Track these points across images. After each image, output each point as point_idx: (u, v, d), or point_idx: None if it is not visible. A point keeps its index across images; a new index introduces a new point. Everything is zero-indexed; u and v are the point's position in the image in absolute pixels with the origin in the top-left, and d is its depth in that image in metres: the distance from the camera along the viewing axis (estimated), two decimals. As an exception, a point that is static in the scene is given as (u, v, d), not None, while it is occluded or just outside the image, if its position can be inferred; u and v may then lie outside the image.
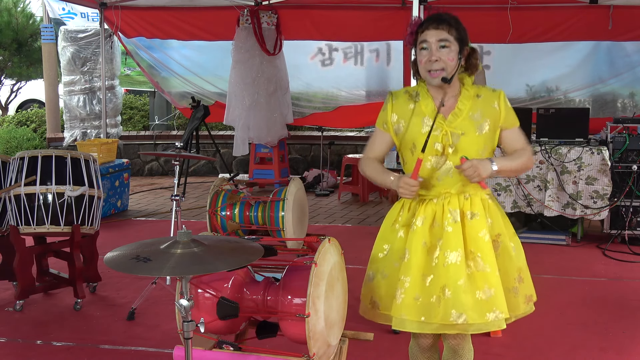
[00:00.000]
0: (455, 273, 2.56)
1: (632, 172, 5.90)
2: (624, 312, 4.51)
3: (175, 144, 4.83)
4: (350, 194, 8.44)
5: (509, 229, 2.75)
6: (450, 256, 2.58)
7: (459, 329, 2.58)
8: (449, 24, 2.61)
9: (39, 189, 4.48)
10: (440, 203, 2.67)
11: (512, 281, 2.67)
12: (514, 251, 2.70)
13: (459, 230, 2.61)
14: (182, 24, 8.88)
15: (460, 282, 2.55)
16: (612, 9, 7.41)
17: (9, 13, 11.16)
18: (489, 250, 2.60)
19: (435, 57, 2.60)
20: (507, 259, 2.67)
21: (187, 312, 2.36)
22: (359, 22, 8.46)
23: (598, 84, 8.17)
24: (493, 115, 2.67)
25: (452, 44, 2.61)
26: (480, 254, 2.59)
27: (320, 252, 2.84)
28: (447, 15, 2.64)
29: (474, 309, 2.54)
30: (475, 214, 2.65)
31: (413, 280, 2.60)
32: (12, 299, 4.71)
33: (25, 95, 13.76)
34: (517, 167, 2.70)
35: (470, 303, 2.54)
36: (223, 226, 4.79)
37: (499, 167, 2.60)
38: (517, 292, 2.68)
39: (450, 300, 2.54)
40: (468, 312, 2.53)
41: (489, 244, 2.62)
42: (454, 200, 2.66)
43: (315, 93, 9.44)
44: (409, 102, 2.77)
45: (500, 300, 2.57)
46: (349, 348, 3.21)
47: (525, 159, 2.71)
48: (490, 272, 2.58)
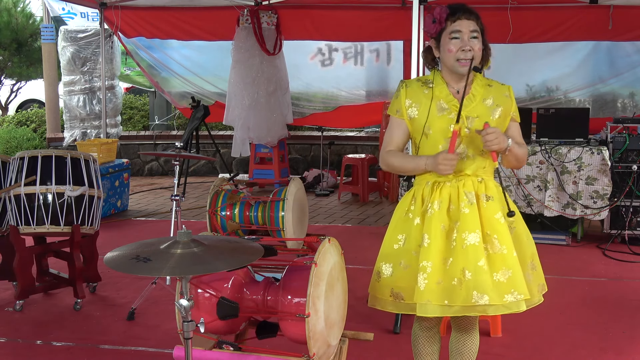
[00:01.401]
0: (474, 254, 2.58)
1: (632, 172, 5.90)
2: (624, 312, 4.51)
3: (175, 144, 4.82)
4: (350, 194, 8.44)
5: (520, 217, 2.80)
6: (469, 237, 2.60)
7: (479, 310, 2.59)
8: (476, 15, 2.71)
9: (39, 189, 4.48)
10: (455, 185, 2.69)
11: (526, 267, 2.70)
12: (527, 238, 2.76)
13: (476, 212, 2.65)
14: (182, 24, 8.88)
15: (480, 262, 2.57)
16: (612, 9, 7.40)
17: (8, 13, 11.16)
18: (505, 232, 2.64)
19: (468, 46, 2.66)
20: (521, 244, 2.71)
21: (187, 312, 2.36)
22: (359, 22, 8.46)
23: (598, 84, 8.17)
24: (505, 104, 2.76)
25: (480, 35, 2.70)
26: (497, 236, 2.63)
27: (320, 252, 2.84)
28: (466, 5, 2.73)
29: (493, 290, 2.56)
30: (490, 196, 2.70)
31: (435, 264, 2.62)
32: (12, 299, 4.71)
33: (25, 95, 13.76)
34: (520, 157, 2.76)
35: (490, 284, 2.57)
36: (223, 226, 4.79)
37: (511, 146, 2.67)
38: (531, 279, 2.70)
39: (471, 282, 2.56)
40: (489, 293, 2.55)
41: (505, 226, 2.66)
42: (469, 183, 2.69)
43: (315, 93, 9.44)
44: (423, 88, 2.78)
45: (519, 281, 2.59)
46: (349, 348, 3.21)
47: (525, 152, 2.79)
48: (507, 253, 2.61)
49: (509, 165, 2.81)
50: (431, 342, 2.99)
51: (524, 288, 2.58)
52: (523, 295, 2.57)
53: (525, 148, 2.80)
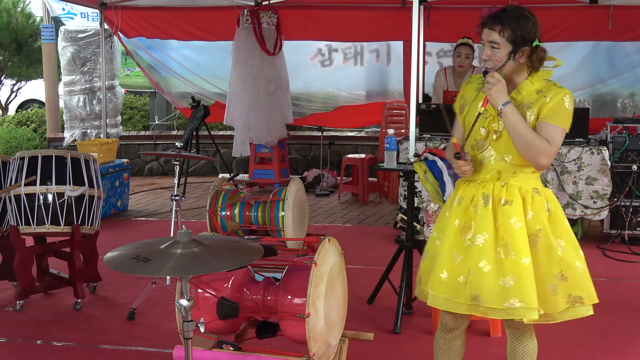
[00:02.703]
0: (478, 255, 2.64)
1: (632, 172, 5.90)
2: (624, 312, 4.51)
3: (175, 144, 4.82)
4: (350, 194, 8.44)
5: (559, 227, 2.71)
6: (477, 238, 2.67)
7: (481, 311, 2.65)
8: (503, 23, 2.63)
9: (39, 189, 4.48)
10: (478, 187, 2.75)
11: (549, 278, 2.66)
12: (560, 249, 2.68)
13: (489, 214, 2.68)
14: (182, 24, 8.88)
15: (481, 264, 2.62)
16: (612, 9, 7.41)
17: (8, 13, 11.16)
18: (519, 238, 2.64)
19: (485, 56, 2.70)
20: (546, 254, 2.67)
21: (187, 312, 2.36)
22: (359, 22, 8.47)
23: (598, 84, 8.18)
24: (540, 105, 2.67)
25: (502, 45, 2.65)
26: (510, 241, 2.64)
27: (320, 252, 2.84)
28: (507, 14, 2.65)
29: (492, 293, 2.60)
30: (509, 201, 2.69)
31: (442, 257, 2.72)
32: (12, 299, 4.71)
33: (25, 95, 13.76)
34: (522, 130, 2.62)
35: (488, 286, 2.60)
36: (223, 226, 4.79)
37: (508, 109, 2.62)
38: (556, 289, 2.66)
39: (471, 282, 2.64)
40: (484, 295, 2.60)
41: (520, 231, 2.64)
42: (489, 186, 2.73)
43: (315, 93, 9.44)
44: (477, 87, 2.82)
45: (526, 290, 2.58)
46: (349, 348, 3.21)
47: (536, 137, 2.62)
48: (516, 259, 2.62)
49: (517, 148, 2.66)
50: (448, 347, 2.96)
51: (531, 297, 2.58)
52: (525, 304, 2.57)
53: (539, 139, 2.62)
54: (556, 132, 2.65)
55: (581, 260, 2.72)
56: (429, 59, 8.28)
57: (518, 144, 2.65)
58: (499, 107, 2.64)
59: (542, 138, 2.63)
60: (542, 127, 2.65)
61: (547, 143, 2.63)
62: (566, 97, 2.66)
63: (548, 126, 2.65)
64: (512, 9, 2.68)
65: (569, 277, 2.68)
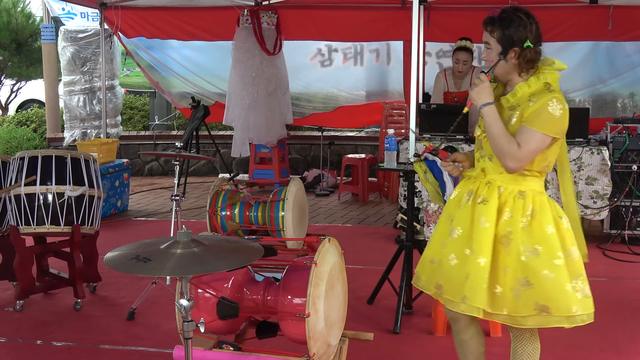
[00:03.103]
0: (450, 248, 2.78)
1: (632, 172, 5.90)
2: (623, 312, 4.51)
3: (175, 144, 4.82)
4: (350, 194, 8.44)
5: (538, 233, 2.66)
6: (453, 232, 2.78)
7: (443, 301, 2.80)
8: (494, 24, 2.70)
9: (39, 189, 4.48)
10: (468, 182, 2.85)
11: (513, 281, 2.65)
12: (528, 255, 2.64)
13: (468, 210, 2.75)
14: (182, 24, 8.87)
15: (450, 256, 2.75)
16: (612, 9, 7.41)
17: (8, 13, 11.15)
18: (482, 238, 2.68)
19: (482, 56, 2.80)
20: (514, 258, 2.66)
21: (187, 312, 2.36)
22: (359, 22, 8.46)
23: (598, 84, 8.17)
24: (523, 109, 2.69)
25: (492, 46, 2.72)
26: (474, 239, 2.70)
27: (320, 252, 2.84)
28: (502, 15, 2.70)
29: (453, 286, 2.72)
30: (485, 200, 2.73)
31: (432, 245, 2.89)
32: (12, 299, 4.72)
33: (25, 95, 13.76)
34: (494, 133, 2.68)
35: (451, 279, 2.73)
36: (223, 226, 4.79)
37: (487, 110, 2.69)
38: (519, 294, 2.64)
39: (439, 271, 2.81)
40: (446, 286, 2.75)
41: (486, 232, 2.68)
42: (476, 184, 2.80)
43: (315, 93, 9.44)
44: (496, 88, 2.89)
45: (474, 288, 2.64)
46: (349, 348, 3.21)
47: (505, 141, 2.65)
48: (471, 257, 2.68)
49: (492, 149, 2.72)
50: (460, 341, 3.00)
51: (476, 296, 2.64)
52: (473, 303, 2.64)
53: (510, 145, 2.63)
54: (531, 136, 2.63)
55: (555, 270, 2.64)
56: (428, 59, 8.28)
57: (491, 146, 2.72)
58: (479, 108, 2.71)
59: (512, 142, 2.64)
60: (519, 131, 2.66)
61: (515, 147, 2.63)
62: (551, 102, 2.63)
63: (524, 130, 2.65)
64: (510, 10, 2.70)
65: (535, 284, 2.63)
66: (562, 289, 2.63)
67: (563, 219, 2.74)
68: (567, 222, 2.75)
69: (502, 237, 2.67)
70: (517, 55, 2.68)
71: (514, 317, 2.67)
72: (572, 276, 2.68)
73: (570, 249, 2.72)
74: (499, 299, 2.66)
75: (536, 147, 2.64)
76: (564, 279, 2.64)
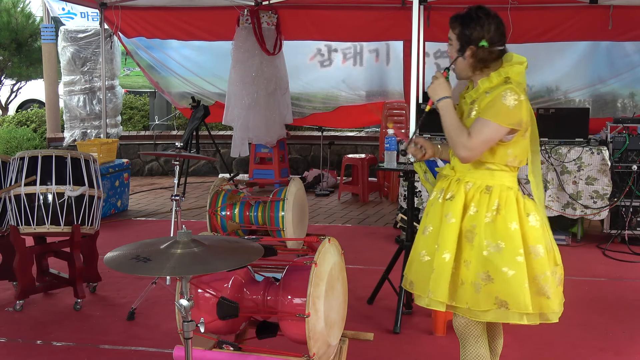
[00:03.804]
0: (422, 245, 2.85)
1: (632, 172, 5.90)
2: (624, 312, 4.51)
3: (175, 144, 4.82)
4: (350, 194, 8.44)
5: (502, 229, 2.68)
6: (425, 229, 2.86)
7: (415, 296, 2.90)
8: (456, 21, 2.78)
9: (39, 189, 4.48)
10: (444, 181, 2.88)
11: (475, 276, 2.69)
12: (490, 250, 2.67)
13: (438, 208, 2.82)
14: (182, 24, 8.87)
15: (421, 253, 2.84)
16: (612, 9, 7.40)
17: (8, 13, 11.15)
18: (447, 234, 2.73)
19: (447, 51, 2.88)
20: (476, 253, 2.70)
21: (187, 312, 2.36)
22: (358, 22, 8.46)
23: (598, 84, 8.16)
24: (480, 101, 2.76)
25: (453, 42, 2.81)
26: (440, 235, 2.76)
27: (320, 252, 2.84)
28: (464, 13, 2.78)
29: (422, 282, 2.80)
30: (452, 196, 2.79)
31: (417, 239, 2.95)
32: (12, 299, 4.71)
33: (25, 95, 13.76)
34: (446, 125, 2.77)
35: (421, 275, 2.80)
36: (223, 226, 4.79)
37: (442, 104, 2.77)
38: (479, 288, 2.67)
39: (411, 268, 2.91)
40: (417, 283, 2.85)
41: (451, 228, 2.73)
42: (447, 181, 2.85)
43: (315, 93, 9.44)
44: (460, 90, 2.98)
45: (437, 283, 2.71)
46: (349, 348, 3.21)
47: (456, 132, 2.73)
48: (438, 253, 2.73)
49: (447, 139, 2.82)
50: None
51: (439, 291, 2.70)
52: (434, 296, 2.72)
53: (460, 135, 2.71)
54: (483, 126, 2.67)
55: (515, 267, 2.65)
56: (427, 60, 8.26)
57: (447, 138, 2.80)
58: (435, 102, 2.79)
59: (464, 131, 2.71)
60: (474, 122, 2.73)
61: (466, 136, 2.69)
62: (505, 92, 2.67)
63: (477, 120, 2.71)
64: (474, 9, 2.77)
65: (496, 279, 2.66)
66: (521, 286, 2.64)
67: (531, 216, 2.73)
68: (535, 219, 2.74)
69: (467, 231, 2.72)
70: (472, 54, 2.75)
71: (473, 311, 2.70)
72: (532, 274, 2.68)
73: (535, 247, 2.71)
74: (462, 292, 2.70)
75: (488, 137, 2.68)
76: (523, 277, 2.65)
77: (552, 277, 2.74)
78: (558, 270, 2.83)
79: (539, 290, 2.69)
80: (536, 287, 2.69)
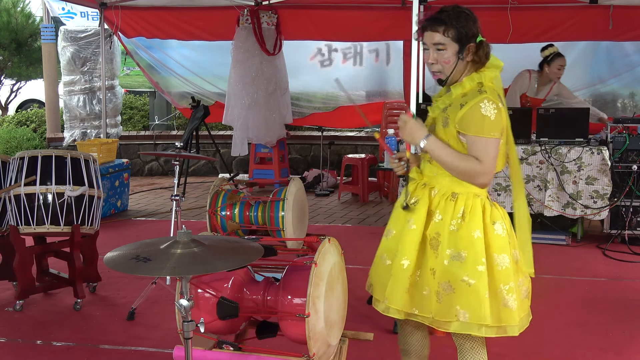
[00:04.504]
0: (385, 249, 2.80)
1: (632, 172, 5.90)
2: (624, 312, 4.51)
3: (175, 144, 4.82)
4: (350, 194, 8.44)
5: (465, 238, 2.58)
6: (389, 233, 2.82)
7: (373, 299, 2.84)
8: (446, 23, 2.57)
9: (39, 189, 4.48)
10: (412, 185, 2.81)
11: (437, 284, 2.60)
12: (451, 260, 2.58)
13: (402, 212, 2.74)
14: (182, 23, 8.87)
15: (383, 256, 2.80)
16: (612, 9, 7.41)
17: (8, 13, 11.15)
18: (407, 239, 2.67)
19: (432, 59, 2.63)
20: (440, 262, 2.60)
21: (187, 312, 2.36)
22: (358, 22, 8.46)
23: (598, 84, 8.17)
24: (454, 112, 2.60)
25: (448, 45, 2.58)
26: (401, 240, 2.70)
27: (320, 252, 2.84)
28: (446, 13, 2.59)
29: (377, 281, 2.80)
30: (417, 201, 2.71)
31: None
32: (12, 299, 4.71)
33: (25, 95, 13.76)
34: (448, 162, 2.60)
35: (381, 280, 2.76)
36: (223, 226, 4.79)
37: (429, 145, 2.61)
38: (442, 298, 2.59)
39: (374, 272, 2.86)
40: (375, 286, 2.82)
41: (412, 234, 2.66)
42: (414, 185, 2.77)
43: (315, 93, 9.44)
44: None
45: (394, 290, 2.67)
46: (349, 348, 3.21)
47: (463, 163, 2.57)
48: (397, 259, 2.67)
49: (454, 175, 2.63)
50: None
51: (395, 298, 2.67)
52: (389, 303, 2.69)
53: (467, 161, 2.55)
54: (484, 145, 2.53)
55: (476, 277, 2.54)
56: (425, 60, 8.28)
57: (452, 173, 2.61)
58: (419, 146, 2.62)
59: (471, 160, 2.55)
60: (470, 145, 2.56)
61: (477, 163, 2.54)
62: (483, 104, 2.52)
63: (471, 141, 2.55)
64: (450, 8, 2.60)
65: (456, 289, 2.56)
66: (480, 296, 2.53)
67: (497, 224, 2.60)
68: (502, 228, 2.61)
69: (432, 239, 2.63)
70: (472, 51, 2.60)
71: (438, 321, 2.62)
72: (496, 285, 2.56)
73: (498, 256, 2.58)
74: (427, 302, 2.62)
75: (494, 152, 2.55)
76: (484, 287, 2.53)
77: (517, 288, 2.60)
78: (525, 282, 2.68)
79: (501, 302, 2.56)
80: (499, 298, 2.56)
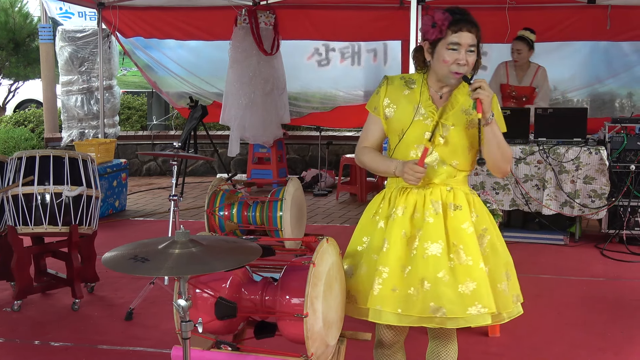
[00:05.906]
0: (435, 265, 2.54)
1: (630, 172, 5.91)
2: (622, 312, 4.52)
3: (173, 143, 4.81)
4: (348, 193, 8.44)
5: (495, 226, 2.72)
6: (431, 248, 2.56)
7: (437, 322, 2.55)
8: (477, 27, 2.58)
9: (37, 189, 4.47)
10: (421, 193, 2.65)
11: (500, 277, 2.62)
12: (501, 246, 2.68)
13: (441, 222, 2.59)
14: (179, 23, 8.88)
15: (440, 274, 2.52)
16: (610, 9, 7.41)
17: (5, 13, 11.13)
18: (472, 243, 2.57)
19: (463, 61, 2.56)
20: (495, 254, 2.64)
21: (185, 312, 2.36)
22: (356, 22, 8.47)
23: (596, 84, 8.19)
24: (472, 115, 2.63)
25: (476, 48, 2.60)
26: (463, 246, 2.56)
27: (319, 252, 2.83)
28: (470, 16, 2.59)
29: (454, 303, 2.50)
30: (458, 206, 2.62)
31: (391, 270, 2.58)
32: (10, 299, 4.70)
33: (23, 95, 13.74)
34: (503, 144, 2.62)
35: (450, 296, 2.50)
36: (221, 226, 4.79)
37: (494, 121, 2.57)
38: (507, 289, 2.63)
39: (429, 293, 2.52)
40: (447, 306, 2.50)
41: (473, 236, 2.58)
42: (436, 192, 2.64)
43: (313, 93, 9.45)
44: (404, 88, 2.71)
45: (484, 294, 2.51)
46: (347, 348, 3.20)
47: (509, 150, 2.67)
48: (473, 264, 2.53)
49: (490, 157, 2.59)
50: None
51: (489, 301, 2.52)
52: (488, 309, 2.51)
53: (510, 150, 2.68)
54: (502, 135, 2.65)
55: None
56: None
57: (494, 154, 2.59)
58: (489, 118, 2.54)
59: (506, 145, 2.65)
60: None
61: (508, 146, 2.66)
62: (496, 101, 2.64)
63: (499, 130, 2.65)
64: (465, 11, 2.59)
65: (512, 275, 2.67)
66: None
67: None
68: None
69: (479, 237, 2.64)
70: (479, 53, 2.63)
71: (500, 315, 2.62)
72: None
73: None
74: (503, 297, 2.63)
75: None
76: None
77: None
78: None
79: None
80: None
